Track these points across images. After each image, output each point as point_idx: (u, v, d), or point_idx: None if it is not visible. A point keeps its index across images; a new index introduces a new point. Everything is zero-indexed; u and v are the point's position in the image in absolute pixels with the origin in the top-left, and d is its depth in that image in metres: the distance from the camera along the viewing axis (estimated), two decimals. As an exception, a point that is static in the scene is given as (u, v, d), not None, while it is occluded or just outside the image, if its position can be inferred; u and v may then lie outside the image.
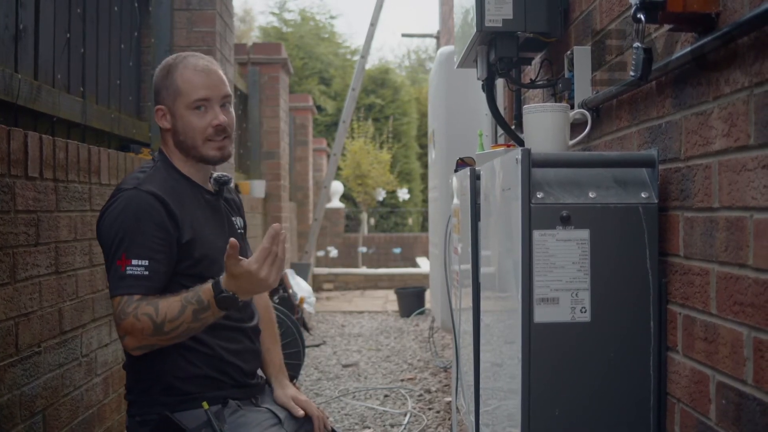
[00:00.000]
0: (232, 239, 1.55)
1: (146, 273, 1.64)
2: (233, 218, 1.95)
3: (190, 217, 1.76)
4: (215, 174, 1.92)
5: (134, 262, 1.63)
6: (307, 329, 6.06)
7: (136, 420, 1.77)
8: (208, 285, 1.62)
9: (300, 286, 5.99)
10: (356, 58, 12.14)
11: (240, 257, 1.57)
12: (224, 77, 1.85)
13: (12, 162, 1.96)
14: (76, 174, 2.40)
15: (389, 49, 35.69)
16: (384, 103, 15.92)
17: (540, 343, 1.47)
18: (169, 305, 1.61)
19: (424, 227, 14.91)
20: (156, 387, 1.75)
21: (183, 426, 1.70)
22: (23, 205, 2.02)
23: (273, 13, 18.93)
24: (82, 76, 2.91)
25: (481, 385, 2.04)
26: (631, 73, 1.36)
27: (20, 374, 1.99)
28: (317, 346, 5.75)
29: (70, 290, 2.35)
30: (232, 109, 1.86)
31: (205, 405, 1.73)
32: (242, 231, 1.99)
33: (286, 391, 1.99)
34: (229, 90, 1.85)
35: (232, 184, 1.97)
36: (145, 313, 1.60)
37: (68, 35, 2.75)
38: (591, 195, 1.48)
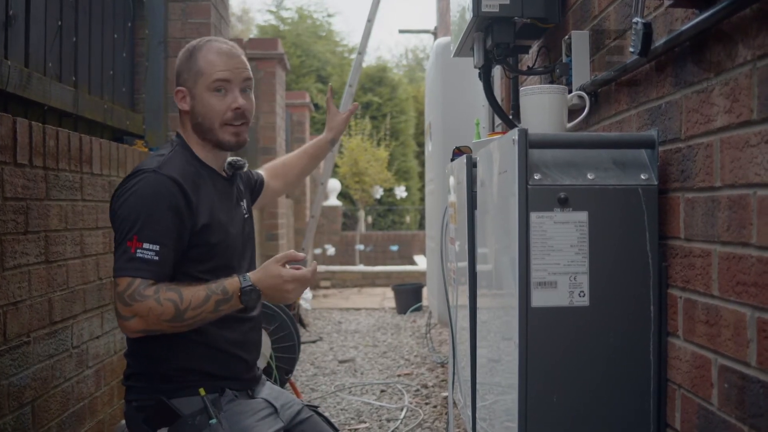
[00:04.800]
0: (297, 255, 1.70)
1: (155, 258, 1.62)
2: (241, 202, 1.94)
3: (207, 203, 1.75)
4: (230, 158, 1.91)
5: (145, 245, 1.62)
6: (304, 325, 6.03)
7: (133, 405, 1.76)
8: (235, 277, 1.67)
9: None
10: (353, 56, 12.10)
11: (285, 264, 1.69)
12: (246, 62, 1.83)
13: (0, 148, 1.93)
14: (67, 163, 2.37)
15: (387, 49, 35.71)
16: (381, 101, 15.89)
17: (537, 327, 1.44)
18: (194, 293, 1.62)
19: (421, 225, 14.88)
20: (154, 375, 1.75)
21: (179, 412, 1.69)
22: (12, 192, 1.99)
23: (270, 11, 18.90)
24: (74, 66, 2.87)
25: (478, 381, 2.01)
26: (631, 50, 1.32)
27: (8, 364, 1.96)
28: (314, 342, 5.72)
29: (60, 280, 2.31)
30: (252, 96, 1.84)
31: (201, 391, 1.72)
32: (248, 215, 1.97)
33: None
34: (251, 74, 1.83)
35: (245, 169, 1.97)
36: (168, 298, 1.60)
37: (60, 23, 2.71)
38: (589, 176, 1.45)
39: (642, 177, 1.46)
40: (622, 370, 1.46)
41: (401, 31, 15.33)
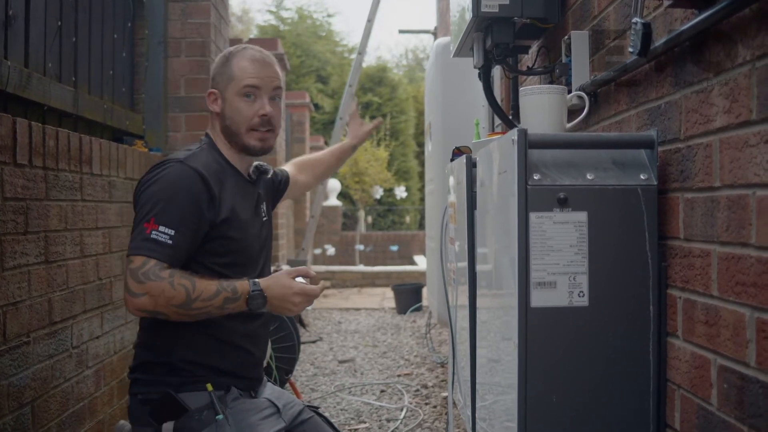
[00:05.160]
0: (309, 272, 1.80)
1: (169, 242, 1.66)
2: (261, 205, 2.00)
3: (230, 199, 1.81)
4: (256, 162, 1.98)
5: (161, 228, 1.66)
6: (303, 325, 6.02)
7: (138, 399, 1.78)
8: (246, 280, 1.72)
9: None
10: (353, 56, 12.10)
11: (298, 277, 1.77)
12: (279, 72, 1.92)
13: (0, 148, 1.93)
14: (67, 163, 2.37)
15: (387, 49, 35.71)
16: (381, 101, 15.90)
17: (537, 328, 1.44)
18: (206, 286, 1.66)
19: (421, 225, 14.87)
20: (163, 367, 1.77)
21: (185, 406, 1.71)
22: (11, 192, 1.99)
23: (270, 12, 18.90)
24: (74, 66, 2.87)
25: (477, 381, 2.00)
26: (630, 50, 1.32)
27: (8, 364, 1.96)
28: (313, 342, 5.72)
29: (60, 280, 2.31)
30: (281, 105, 1.92)
31: (209, 387, 1.75)
32: (267, 218, 2.03)
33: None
34: (281, 84, 1.91)
35: (269, 175, 2.07)
36: (182, 284, 1.63)
37: (59, 23, 2.71)
38: (589, 177, 1.45)
39: (641, 177, 1.46)
40: (621, 370, 1.46)
41: (401, 31, 15.34)
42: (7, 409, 1.95)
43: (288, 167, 2.36)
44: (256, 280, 1.74)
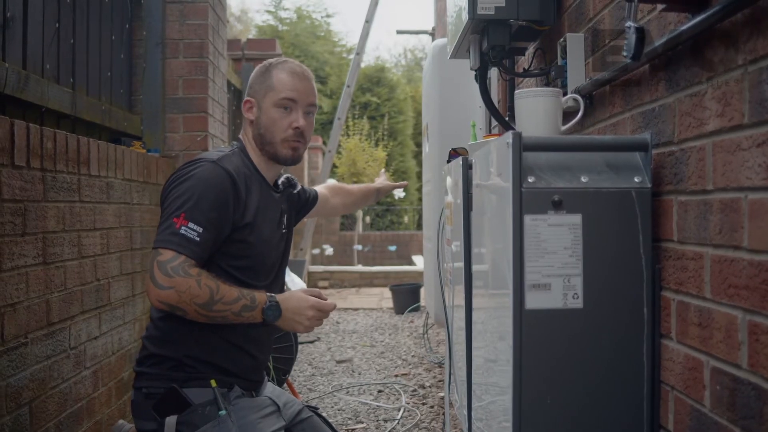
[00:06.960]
0: (322, 294, 1.86)
1: (197, 239, 1.70)
2: (283, 217, 2.03)
3: (254, 205, 1.85)
4: (287, 175, 2.05)
5: (190, 225, 1.70)
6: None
7: (143, 392, 1.80)
8: (264, 292, 1.77)
9: (294, 282, 5.95)
10: (352, 56, 12.11)
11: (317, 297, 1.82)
12: (315, 89, 1.99)
13: (-3, 150, 1.94)
14: (65, 164, 2.37)
15: (385, 49, 35.67)
16: (380, 102, 15.89)
17: (531, 329, 1.44)
18: (229, 290, 1.71)
19: (419, 225, 14.87)
20: (170, 362, 1.80)
21: (190, 401, 1.74)
22: (9, 194, 2.00)
23: (269, 12, 18.90)
24: (72, 67, 2.88)
25: (473, 381, 2.01)
26: (624, 54, 1.33)
27: (6, 365, 1.96)
28: (311, 342, 5.72)
29: (58, 281, 2.32)
30: (313, 120, 1.99)
31: (213, 383, 1.78)
32: (286, 230, 2.06)
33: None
34: (316, 101, 1.99)
35: (296, 190, 2.14)
36: (207, 284, 1.67)
37: (57, 25, 2.72)
38: (583, 179, 1.46)
39: (635, 180, 1.46)
40: (615, 372, 1.47)
41: (399, 32, 15.32)
42: (5, 409, 1.95)
43: (322, 188, 2.46)
44: (273, 294, 1.79)
